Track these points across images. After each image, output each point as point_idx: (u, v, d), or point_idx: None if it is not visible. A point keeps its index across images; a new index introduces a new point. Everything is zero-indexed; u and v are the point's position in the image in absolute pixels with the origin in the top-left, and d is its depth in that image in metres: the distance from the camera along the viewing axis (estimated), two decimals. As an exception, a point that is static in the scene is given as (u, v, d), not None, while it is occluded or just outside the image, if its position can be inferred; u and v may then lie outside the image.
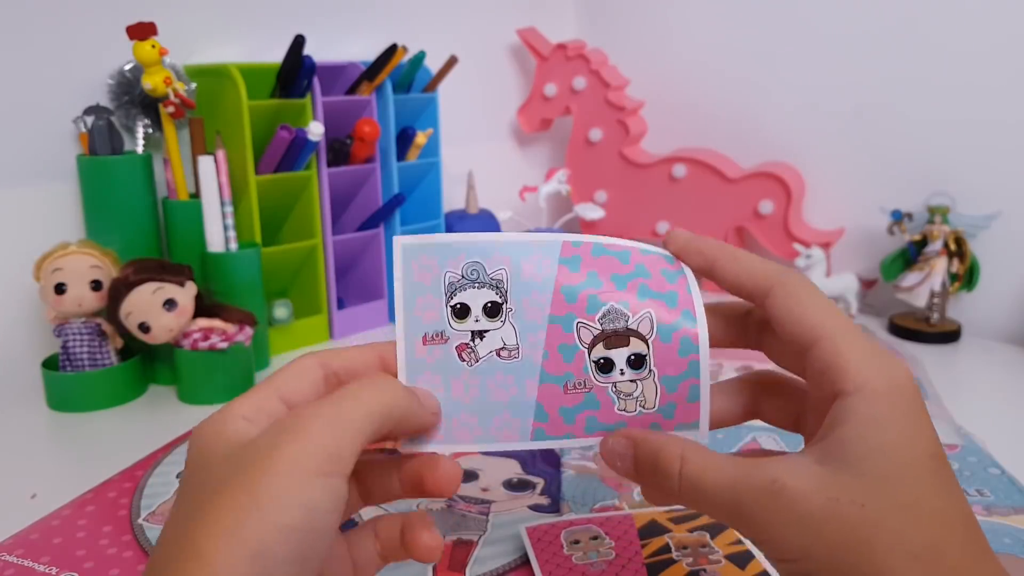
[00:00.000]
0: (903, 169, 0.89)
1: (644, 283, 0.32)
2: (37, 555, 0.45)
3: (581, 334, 0.31)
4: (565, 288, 0.31)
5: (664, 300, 0.31)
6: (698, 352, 0.31)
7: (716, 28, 1.03)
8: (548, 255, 0.31)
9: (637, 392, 0.31)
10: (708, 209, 1.00)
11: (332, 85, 0.85)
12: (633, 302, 0.31)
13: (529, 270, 0.31)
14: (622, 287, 0.31)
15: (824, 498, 0.24)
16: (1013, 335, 0.84)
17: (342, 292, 0.90)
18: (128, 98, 0.74)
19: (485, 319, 0.31)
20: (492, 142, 1.14)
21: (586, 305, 0.31)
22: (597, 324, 0.31)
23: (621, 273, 0.32)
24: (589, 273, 0.31)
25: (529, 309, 0.31)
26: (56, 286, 0.65)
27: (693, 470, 0.27)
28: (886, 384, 0.26)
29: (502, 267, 0.31)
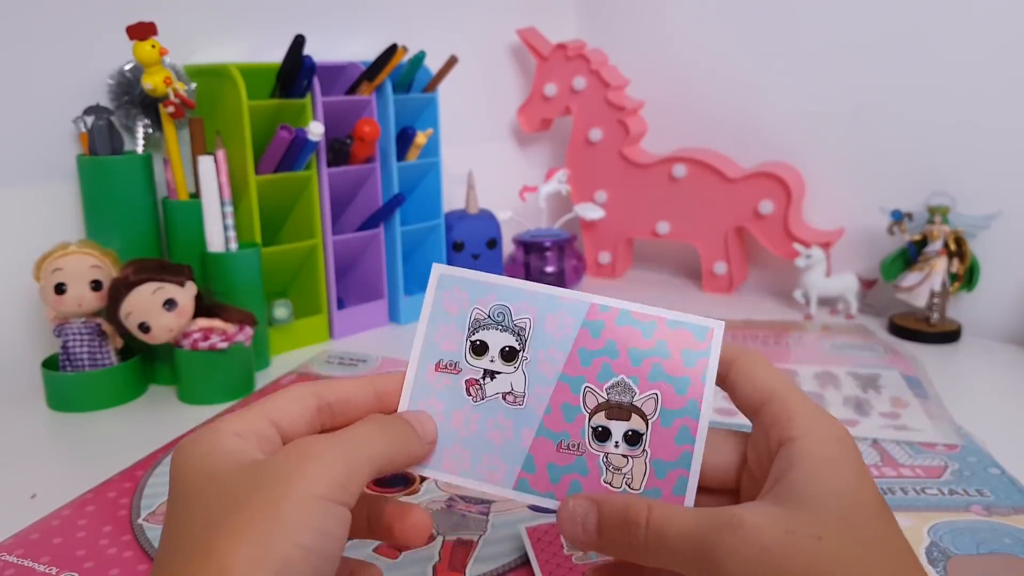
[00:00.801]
0: (903, 169, 0.89)
1: (660, 363, 0.32)
2: (37, 555, 0.45)
3: (587, 398, 0.32)
4: (582, 351, 0.32)
5: (674, 385, 0.32)
6: (693, 444, 0.31)
7: (716, 28, 1.03)
8: (573, 315, 0.32)
9: (627, 468, 0.31)
10: (708, 209, 1.00)
11: (332, 85, 0.85)
12: (644, 380, 0.32)
13: (552, 325, 0.32)
14: (637, 363, 0.32)
15: (782, 531, 0.25)
16: (1013, 335, 0.84)
17: (342, 292, 0.90)
18: (128, 98, 0.74)
19: (500, 361, 0.32)
20: (492, 142, 1.14)
21: (598, 372, 0.32)
22: (604, 393, 0.32)
23: (640, 348, 0.32)
24: (608, 341, 0.32)
25: (543, 362, 0.32)
26: (56, 286, 0.65)
27: (659, 517, 0.28)
28: (830, 432, 0.28)
29: (527, 316, 0.32)
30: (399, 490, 0.52)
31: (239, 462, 0.27)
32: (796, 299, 0.91)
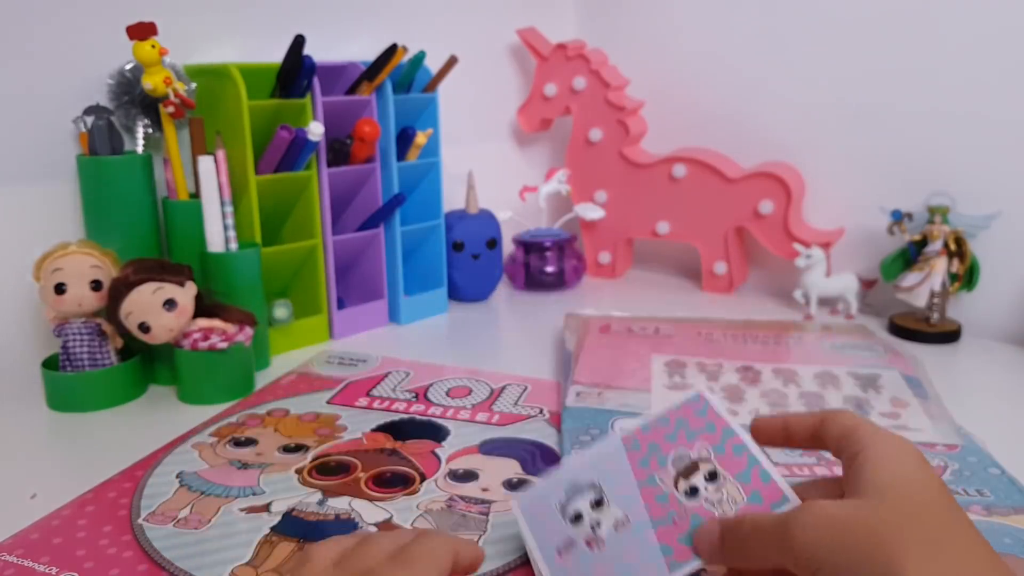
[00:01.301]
0: (903, 169, 0.89)
1: (687, 429, 0.41)
2: (37, 555, 0.45)
3: (665, 482, 0.39)
4: (639, 463, 0.41)
5: (706, 431, 0.40)
6: (747, 448, 0.39)
7: (716, 28, 1.03)
8: (615, 451, 0.41)
9: (725, 497, 0.38)
10: (708, 209, 1.00)
11: (332, 85, 0.85)
12: (686, 443, 0.40)
13: (610, 467, 0.41)
14: (674, 439, 0.41)
15: (848, 506, 0.31)
16: (1013, 335, 0.84)
17: (342, 292, 0.90)
18: (128, 98, 0.74)
19: (596, 513, 0.40)
20: (492, 142, 1.14)
21: (657, 461, 0.40)
22: (672, 468, 0.40)
23: (669, 432, 0.41)
24: (649, 444, 0.41)
25: (621, 487, 0.40)
26: (56, 286, 0.65)
27: (754, 516, 0.35)
28: (888, 439, 0.34)
29: (591, 476, 0.41)
30: (399, 490, 0.52)
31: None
32: (796, 299, 0.91)
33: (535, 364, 0.76)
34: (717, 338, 0.79)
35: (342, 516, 0.49)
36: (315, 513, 0.49)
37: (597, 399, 0.65)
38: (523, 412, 0.64)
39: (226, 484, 0.53)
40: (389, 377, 0.71)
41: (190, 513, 0.49)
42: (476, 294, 0.99)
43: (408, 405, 0.65)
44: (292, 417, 0.63)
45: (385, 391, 0.68)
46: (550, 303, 0.98)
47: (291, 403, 0.66)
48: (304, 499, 0.51)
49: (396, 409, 0.65)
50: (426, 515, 0.49)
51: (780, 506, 0.37)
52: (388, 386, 0.69)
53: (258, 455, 0.57)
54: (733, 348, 0.77)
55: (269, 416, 0.64)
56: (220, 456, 0.57)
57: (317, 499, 0.51)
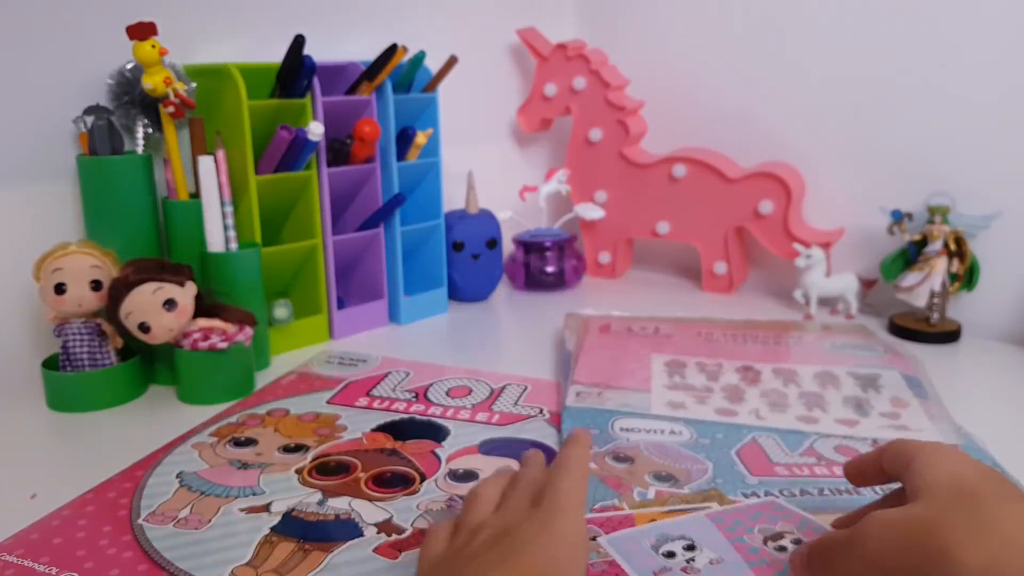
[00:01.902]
0: (903, 169, 0.89)
1: (765, 515, 0.46)
2: (37, 555, 0.45)
3: (754, 540, 0.44)
4: (726, 529, 0.45)
5: (784, 518, 0.46)
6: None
7: (716, 28, 1.03)
8: (698, 520, 0.46)
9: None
10: (708, 209, 1.00)
11: (332, 85, 0.85)
12: (768, 522, 0.46)
13: (695, 529, 0.45)
14: (756, 519, 0.46)
15: (905, 511, 0.35)
16: (1013, 335, 0.84)
17: (342, 292, 0.90)
18: (128, 98, 0.74)
19: (687, 552, 0.43)
20: (492, 142, 1.14)
21: (743, 529, 0.45)
22: (759, 534, 0.45)
23: (750, 514, 0.46)
24: (733, 520, 0.46)
25: (711, 539, 0.44)
26: (56, 286, 0.65)
27: (832, 535, 0.39)
28: (934, 445, 0.38)
29: (678, 531, 0.45)
30: (399, 490, 0.52)
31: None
32: (796, 299, 0.91)
33: (535, 364, 0.76)
34: (717, 338, 0.79)
35: (342, 516, 0.49)
36: (315, 513, 0.49)
37: (597, 399, 0.65)
38: (523, 412, 0.64)
39: (226, 484, 0.53)
40: (389, 377, 0.71)
41: (190, 513, 0.49)
42: (476, 294, 0.99)
43: (408, 405, 0.65)
44: (292, 417, 0.63)
45: (385, 391, 0.68)
46: (550, 303, 0.98)
47: (291, 403, 0.66)
48: (304, 499, 0.51)
49: (396, 409, 0.65)
50: (426, 515, 0.49)
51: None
52: (388, 386, 0.69)
53: (258, 455, 0.57)
54: (733, 348, 0.77)
55: (269, 416, 0.64)
56: (220, 456, 0.57)
57: (317, 499, 0.51)
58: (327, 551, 0.45)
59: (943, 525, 0.32)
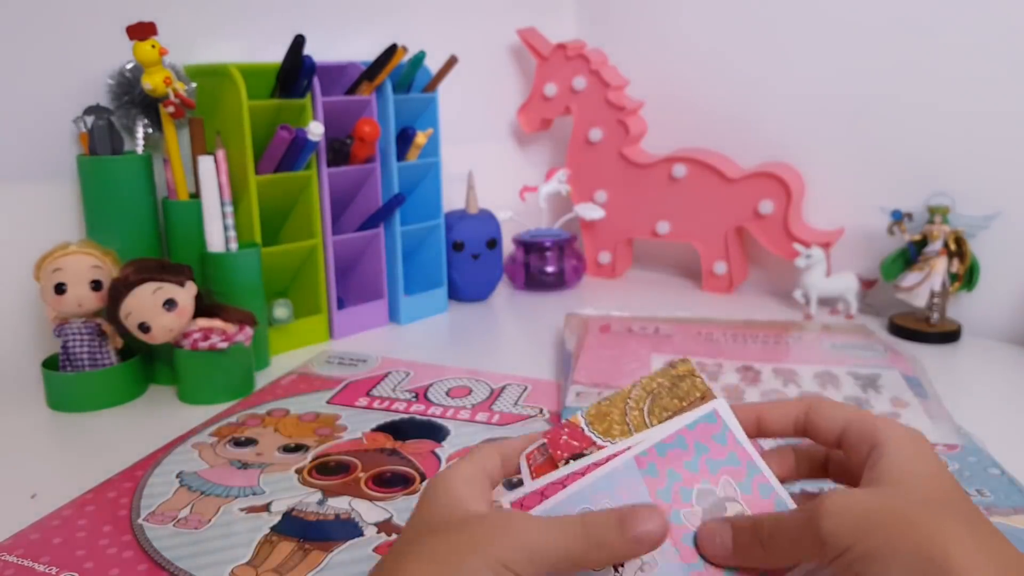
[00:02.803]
0: (903, 169, 0.89)
1: (708, 458, 0.36)
2: (37, 555, 0.45)
3: (691, 521, 0.35)
4: (659, 492, 0.35)
5: (729, 463, 0.36)
6: (774, 490, 0.36)
7: (716, 28, 1.03)
8: (632, 476, 0.35)
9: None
10: (708, 209, 1.00)
11: (332, 85, 0.85)
12: (711, 478, 0.36)
13: (627, 495, 0.35)
14: (696, 469, 0.36)
15: (869, 494, 0.31)
16: (1013, 335, 0.84)
17: (342, 292, 0.90)
18: (128, 98, 0.74)
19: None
20: (492, 142, 1.14)
21: (681, 496, 0.35)
22: (698, 507, 0.35)
23: (688, 459, 0.36)
24: (668, 472, 0.36)
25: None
26: (56, 286, 0.65)
27: (775, 518, 0.33)
28: (907, 434, 0.34)
29: (606, 503, 0.34)
30: (399, 489, 0.52)
31: (460, 506, 0.33)
32: (796, 299, 0.91)
33: (535, 364, 0.76)
34: (717, 338, 0.79)
35: (342, 516, 0.49)
36: (315, 513, 0.49)
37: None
38: (523, 412, 0.64)
39: (226, 484, 0.53)
40: (389, 377, 0.71)
41: (190, 513, 0.49)
42: (476, 294, 0.99)
43: (408, 405, 0.65)
44: (292, 417, 0.63)
45: (385, 391, 0.68)
46: (550, 303, 0.98)
47: (291, 403, 0.66)
48: (304, 499, 0.51)
49: (396, 409, 0.65)
50: (426, 515, 0.49)
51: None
52: (388, 386, 0.69)
53: (258, 455, 0.57)
54: (733, 348, 0.77)
55: (269, 416, 0.64)
56: (220, 456, 0.57)
57: (317, 499, 0.51)
58: (327, 551, 0.45)
59: (928, 516, 0.29)
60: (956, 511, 0.30)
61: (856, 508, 0.30)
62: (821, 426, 0.37)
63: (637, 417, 0.38)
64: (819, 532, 0.30)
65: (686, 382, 0.39)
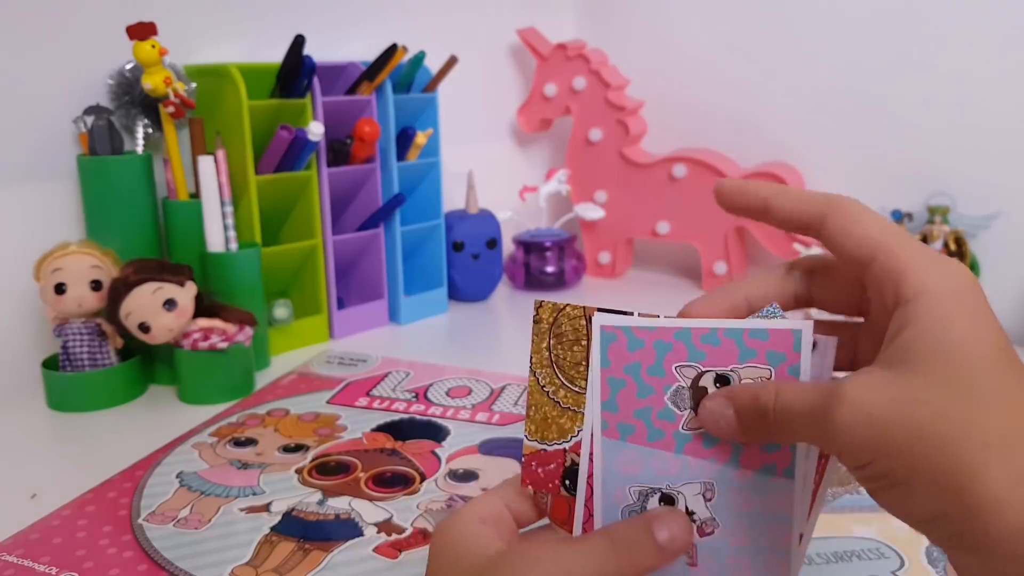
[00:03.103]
0: (903, 169, 0.89)
1: (646, 368, 0.32)
2: (37, 555, 0.45)
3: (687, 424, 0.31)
4: (649, 438, 0.31)
5: (663, 351, 0.32)
6: (718, 328, 0.31)
7: (716, 28, 1.03)
8: (616, 449, 0.32)
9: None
10: (708, 209, 1.00)
11: (332, 85, 0.85)
12: (664, 380, 0.32)
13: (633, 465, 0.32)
14: (649, 391, 0.31)
15: (887, 399, 0.25)
16: (1013, 335, 0.84)
17: (342, 292, 0.90)
18: (128, 98, 0.74)
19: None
20: (492, 142, 1.14)
21: (663, 417, 0.31)
22: (678, 410, 0.31)
23: (635, 388, 0.32)
24: (633, 413, 0.31)
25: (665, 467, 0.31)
26: (56, 286, 0.65)
27: (785, 398, 0.28)
28: (947, 286, 0.26)
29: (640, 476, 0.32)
30: (399, 489, 0.52)
31: (482, 552, 0.30)
32: (796, 299, 0.91)
33: (535, 364, 0.76)
34: (717, 338, 0.79)
35: (342, 516, 0.49)
36: (315, 513, 0.49)
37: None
38: (523, 412, 0.64)
39: (226, 484, 0.53)
40: (389, 377, 0.71)
41: (190, 513, 0.49)
42: (476, 294, 0.99)
43: (408, 405, 0.65)
44: (292, 417, 0.63)
45: (385, 391, 0.68)
46: (550, 303, 0.98)
47: (291, 403, 0.66)
48: (304, 499, 0.51)
49: (396, 409, 0.65)
50: (426, 515, 0.49)
51: (799, 344, 0.30)
52: (388, 386, 0.69)
53: (258, 455, 0.57)
54: (733, 348, 0.76)
55: (269, 416, 0.64)
56: (220, 456, 0.57)
57: (317, 499, 0.51)
58: (327, 551, 0.45)
59: (960, 435, 0.24)
60: (994, 414, 0.24)
61: (876, 417, 0.24)
62: (842, 243, 0.28)
63: (567, 396, 0.33)
64: (835, 439, 0.25)
65: (563, 326, 0.33)
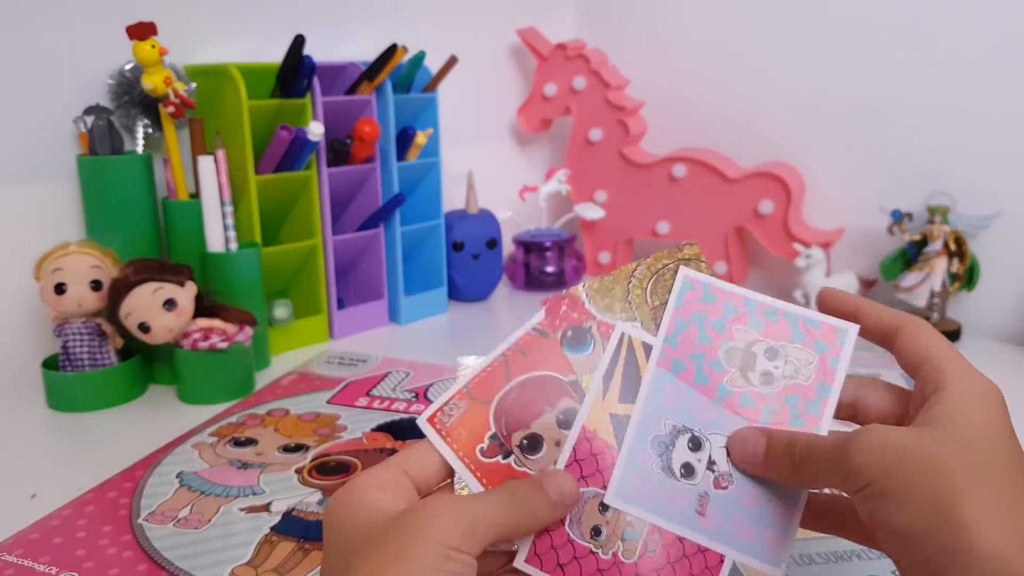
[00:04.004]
0: (903, 169, 0.89)
1: (711, 322, 0.36)
2: (37, 555, 0.45)
3: (737, 383, 0.35)
4: (696, 380, 0.35)
5: (728, 314, 0.36)
6: (778, 308, 0.36)
7: (716, 28, 1.03)
8: (668, 384, 0.34)
9: (797, 364, 0.35)
10: (708, 209, 1.00)
11: (332, 85, 0.85)
12: (724, 336, 0.36)
13: (673, 402, 0.34)
14: (708, 340, 0.35)
15: (904, 434, 0.29)
16: (1013, 335, 0.84)
17: (342, 292, 0.90)
18: (128, 98, 0.74)
19: (698, 454, 0.34)
20: (492, 142, 1.14)
21: (716, 371, 0.35)
22: (733, 368, 0.35)
23: (697, 334, 0.35)
24: (690, 357, 0.35)
25: (703, 413, 0.34)
26: (56, 286, 0.65)
27: (809, 438, 0.32)
28: (976, 385, 0.31)
29: (666, 422, 0.34)
30: (399, 490, 0.52)
31: (381, 513, 0.30)
32: (796, 299, 0.91)
33: (535, 364, 0.76)
34: (717, 338, 0.79)
35: (342, 516, 0.49)
36: (315, 513, 0.49)
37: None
38: (523, 412, 0.64)
39: (226, 484, 0.53)
40: (389, 377, 0.71)
41: (190, 513, 0.49)
42: (476, 294, 0.99)
43: (408, 405, 0.65)
44: (292, 417, 0.63)
45: (385, 391, 0.68)
46: (550, 303, 0.98)
47: (291, 403, 0.66)
48: (304, 499, 0.51)
49: (396, 409, 0.65)
50: (426, 515, 0.49)
51: (844, 341, 0.34)
52: (388, 386, 0.69)
53: (258, 455, 0.57)
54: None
55: (269, 416, 0.64)
56: (220, 456, 0.57)
57: (317, 499, 0.51)
58: (327, 551, 0.45)
59: (953, 468, 0.27)
60: (995, 465, 0.28)
61: (889, 444, 0.28)
62: (904, 351, 0.34)
63: (639, 296, 0.36)
64: (848, 463, 0.29)
65: (692, 265, 0.37)
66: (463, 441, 0.34)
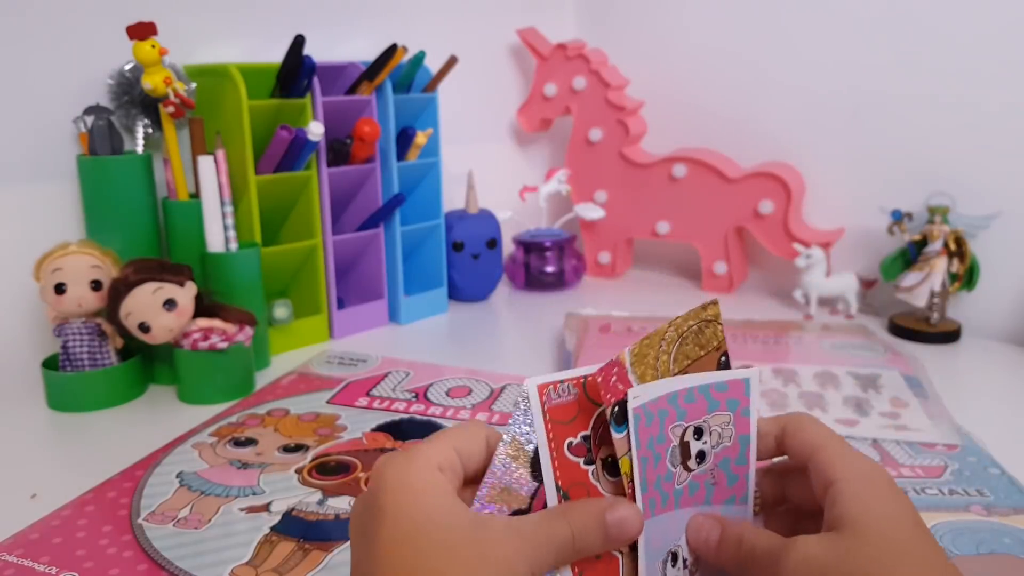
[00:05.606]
0: (903, 169, 0.89)
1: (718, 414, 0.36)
2: (37, 555, 0.45)
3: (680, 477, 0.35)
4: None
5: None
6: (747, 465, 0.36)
7: (716, 28, 1.03)
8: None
9: (722, 437, 0.36)
10: (708, 209, 1.00)
11: (332, 85, 0.85)
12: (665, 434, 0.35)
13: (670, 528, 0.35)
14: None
15: (825, 549, 0.32)
16: (1013, 335, 0.84)
17: (342, 292, 0.90)
18: (128, 98, 0.74)
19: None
20: (492, 142, 1.14)
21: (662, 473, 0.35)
22: (673, 467, 0.35)
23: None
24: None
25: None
26: (56, 286, 0.65)
27: (752, 537, 0.35)
28: (861, 472, 0.34)
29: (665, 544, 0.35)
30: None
31: (447, 499, 0.30)
32: (796, 299, 0.91)
33: (535, 364, 0.76)
34: (717, 338, 0.79)
35: (342, 516, 0.49)
36: (315, 513, 0.49)
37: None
38: (523, 412, 0.64)
39: (226, 484, 0.53)
40: (389, 377, 0.71)
41: (190, 513, 0.49)
42: (476, 294, 0.99)
43: (408, 405, 0.65)
44: (292, 417, 0.63)
45: (385, 391, 0.68)
46: (550, 303, 0.98)
47: (291, 403, 0.66)
48: (304, 499, 0.51)
49: (396, 409, 0.65)
50: (426, 515, 0.49)
51: (748, 390, 0.35)
52: (388, 386, 0.69)
53: (258, 455, 0.57)
54: (733, 348, 0.76)
55: (269, 416, 0.64)
56: (220, 456, 0.57)
57: (317, 499, 0.51)
58: (327, 551, 0.45)
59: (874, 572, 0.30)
60: (914, 562, 0.31)
61: (814, 564, 0.31)
62: (792, 448, 0.36)
63: (665, 363, 0.35)
64: (783, 572, 0.32)
65: (710, 328, 0.36)
66: (559, 426, 0.33)
